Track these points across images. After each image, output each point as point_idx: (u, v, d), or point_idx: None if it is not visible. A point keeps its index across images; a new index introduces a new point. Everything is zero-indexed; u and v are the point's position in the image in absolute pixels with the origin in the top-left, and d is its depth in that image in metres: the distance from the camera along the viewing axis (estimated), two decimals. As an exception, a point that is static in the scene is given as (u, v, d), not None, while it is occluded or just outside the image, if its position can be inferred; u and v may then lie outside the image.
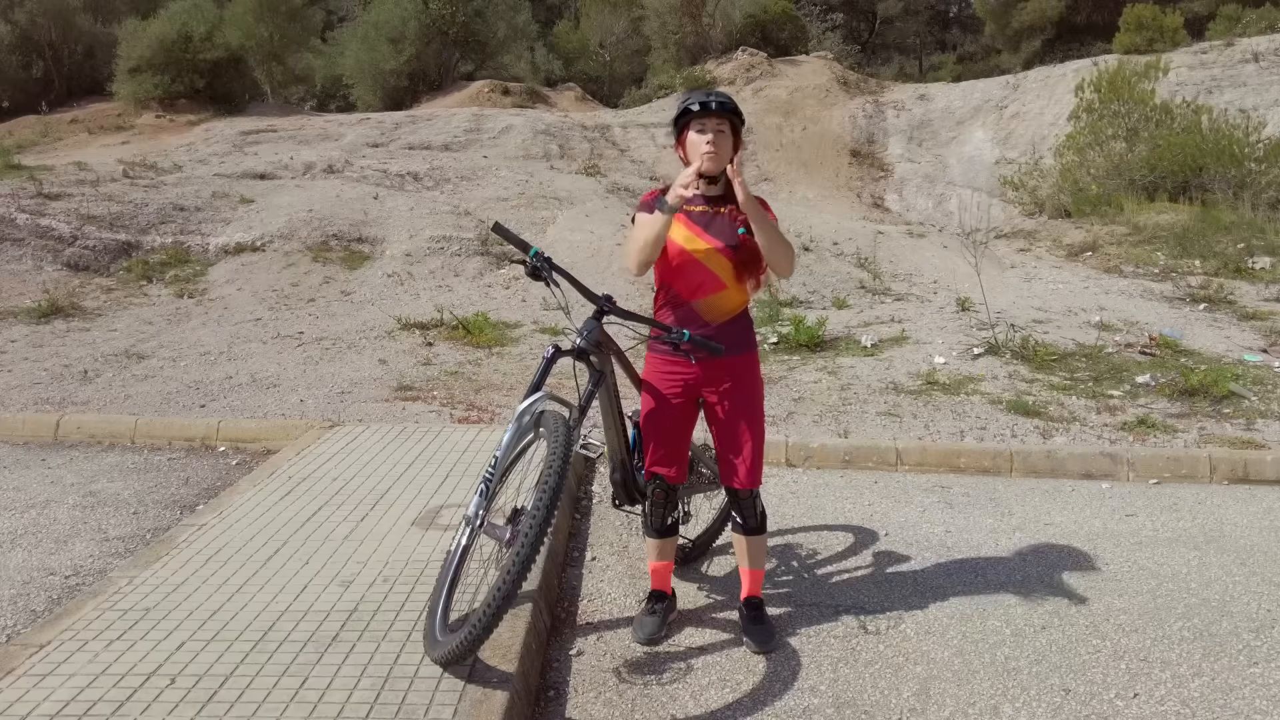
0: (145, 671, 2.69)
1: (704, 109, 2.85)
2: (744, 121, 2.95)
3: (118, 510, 4.35)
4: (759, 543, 3.22)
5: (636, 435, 3.23)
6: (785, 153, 18.24)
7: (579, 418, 2.86)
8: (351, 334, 7.80)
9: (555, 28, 28.88)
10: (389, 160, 14.59)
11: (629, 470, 3.21)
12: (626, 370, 3.19)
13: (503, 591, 2.48)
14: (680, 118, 2.92)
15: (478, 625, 2.50)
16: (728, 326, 3.01)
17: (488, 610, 2.49)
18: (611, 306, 2.92)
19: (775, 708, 2.78)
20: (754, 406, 3.07)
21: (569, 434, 2.68)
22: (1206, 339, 7.33)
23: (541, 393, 2.81)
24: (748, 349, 3.07)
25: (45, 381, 6.42)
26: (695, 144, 2.88)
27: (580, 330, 2.89)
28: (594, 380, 2.93)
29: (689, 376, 3.04)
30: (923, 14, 39.08)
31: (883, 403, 5.92)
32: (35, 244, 9.80)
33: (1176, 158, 13.45)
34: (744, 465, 3.06)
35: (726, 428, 3.06)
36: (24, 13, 19.35)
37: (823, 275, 10.33)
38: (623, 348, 3.15)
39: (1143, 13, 20.22)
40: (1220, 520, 4.31)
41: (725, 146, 2.88)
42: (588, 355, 2.90)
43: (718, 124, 2.86)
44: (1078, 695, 2.83)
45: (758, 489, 3.13)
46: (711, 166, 2.86)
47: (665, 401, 3.07)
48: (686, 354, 2.97)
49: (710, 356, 2.95)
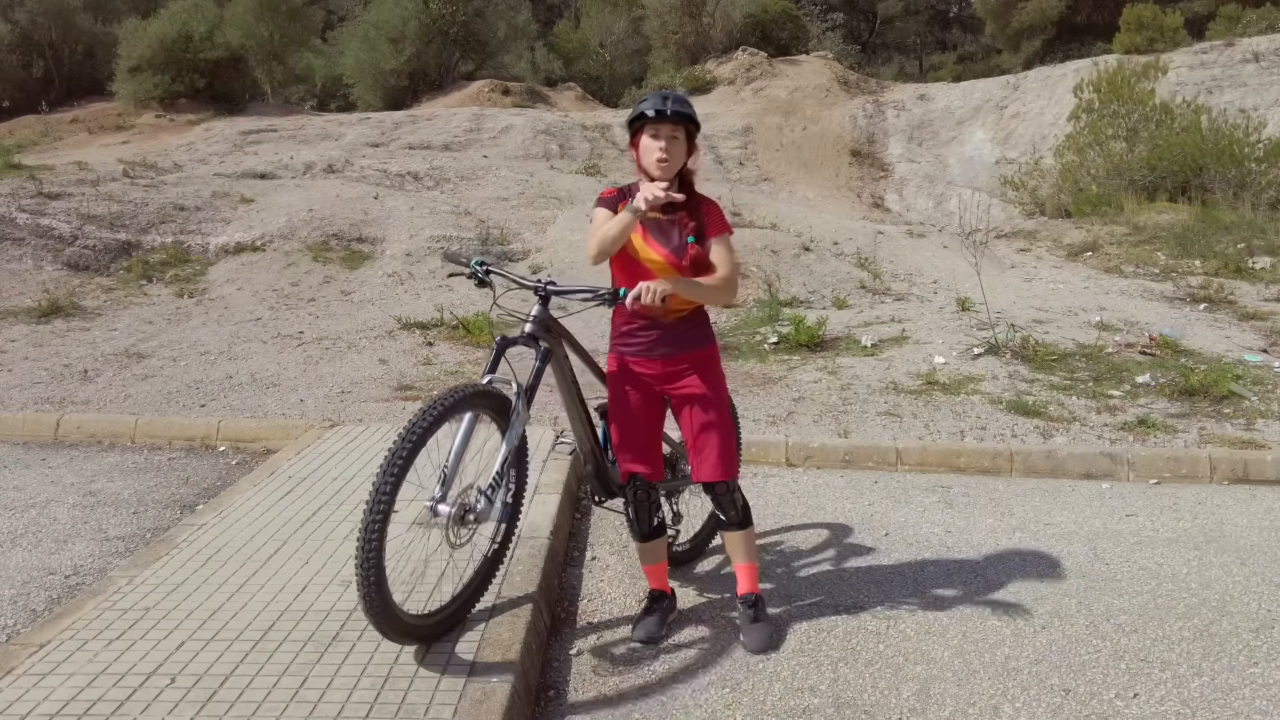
0: (145, 671, 2.69)
1: (659, 116, 2.86)
2: (699, 127, 2.97)
3: (118, 510, 4.35)
4: (745, 537, 3.21)
5: (605, 427, 3.29)
6: (785, 152, 18.24)
7: (527, 395, 2.89)
8: (351, 334, 7.80)
9: (555, 28, 28.90)
10: (389, 160, 14.60)
11: (600, 460, 3.26)
12: (583, 358, 3.22)
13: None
14: (634, 121, 2.92)
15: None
16: (678, 325, 3.05)
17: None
18: (549, 290, 2.99)
19: (775, 708, 2.78)
20: (717, 400, 3.09)
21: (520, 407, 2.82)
22: (1206, 339, 7.33)
23: (485, 381, 2.85)
24: (704, 344, 3.10)
25: (45, 381, 6.42)
26: (648, 149, 2.91)
27: (529, 317, 2.96)
28: (540, 356, 2.97)
29: (648, 374, 3.09)
30: (923, 14, 39.08)
31: (883, 403, 5.92)
32: (35, 244, 9.81)
33: (1176, 158, 13.45)
34: (711, 458, 3.07)
35: (691, 423, 3.09)
36: (24, 12, 19.35)
37: (823, 275, 10.33)
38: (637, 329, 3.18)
39: (1143, 13, 20.21)
40: (1220, 520, 4.31)
41: (678, 153, 2.91)
42: (536, 340, 2.96)
43: (671, 130, 2.89)
44: (1078, 695, 2.83)
45: (732, 481, 3.12)
46: (662, 175, 2.91)
47: (628, 400, 3.11)
48: (644, 351, 3.05)
49: (659, 340, 3.08)
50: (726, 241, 2.99)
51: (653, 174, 2.92)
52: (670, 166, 2.90)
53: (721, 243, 2.97)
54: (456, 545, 2.78)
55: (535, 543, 3.60)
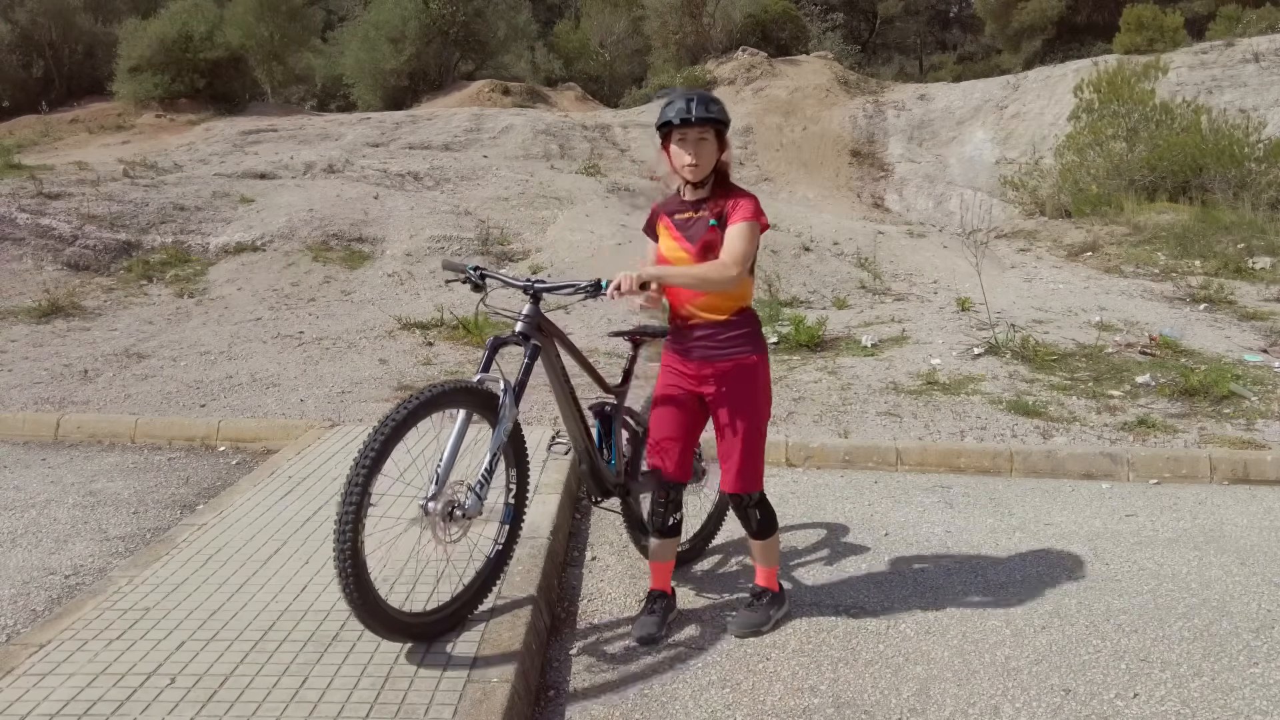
0: (145, 671, 2.69)
1: (684, 123, 2.86)
2: (728, 123, 2.95)
3: (118, 510, 4.35)
4: (763, 546, 3.23)
5: (599, 427, 3.32)
6: (785, 152, 18.24)
7: (516, 391, 2.91)
8: (352, 334, 7.80)
9: (555, 28, 28.88)
10: (389, 160, 14.59)
11: (595, 460, 3.26)
12: (578, 359, 3.23)
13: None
14: (662, 125, 2.93)
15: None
16: (718, 328, 3.02)
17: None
18: (539, 288, 3.03)
19: (775, 708, 2.78)
20: (746, 413, 3.04)
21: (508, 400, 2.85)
22: (1206, 339, 7.33)
23: (476, 380, 2.88)
24: (744, 352, 3.02)
25: (45, 381, 6.42)
26: (678, 155, 2.93)
27: (520, 316, 3.00)
28: (529, 353, 2.99)
29: (686, 373, 3.09)
30: (923, 14, 39.05)
31: (883, 403, 5.92)
32: (35, 243, 9.80)
33: (1176, 158, 13.44)
34: (731, 469, 3.07)
35: (719, 430, 3.09)
36: (24, 12, 19.35)
37: (823, 275, 10.33)
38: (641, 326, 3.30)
39: (1143, 13, 20.20)
40: (1220, 520, 4.31)
41: (708, 156, 2.92)
42: (527, 338, 2.99)
43: (699, 134, 2.89)
44: (1078, 695, 2.83)
45: (750, 495, 3.11)
46: (693, 177, 2.93)
47: (666, 396, 3.14)
48: (684, 351, 3.07)
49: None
50: (745, 229, 2.90)
51: (685, 178, 2.95)
52: (701, 170, 2.92)
53: (738, 230, 2.90)
54: (447, 542, 2.80)
55: (535, 543, 3.60)
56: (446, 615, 2.88)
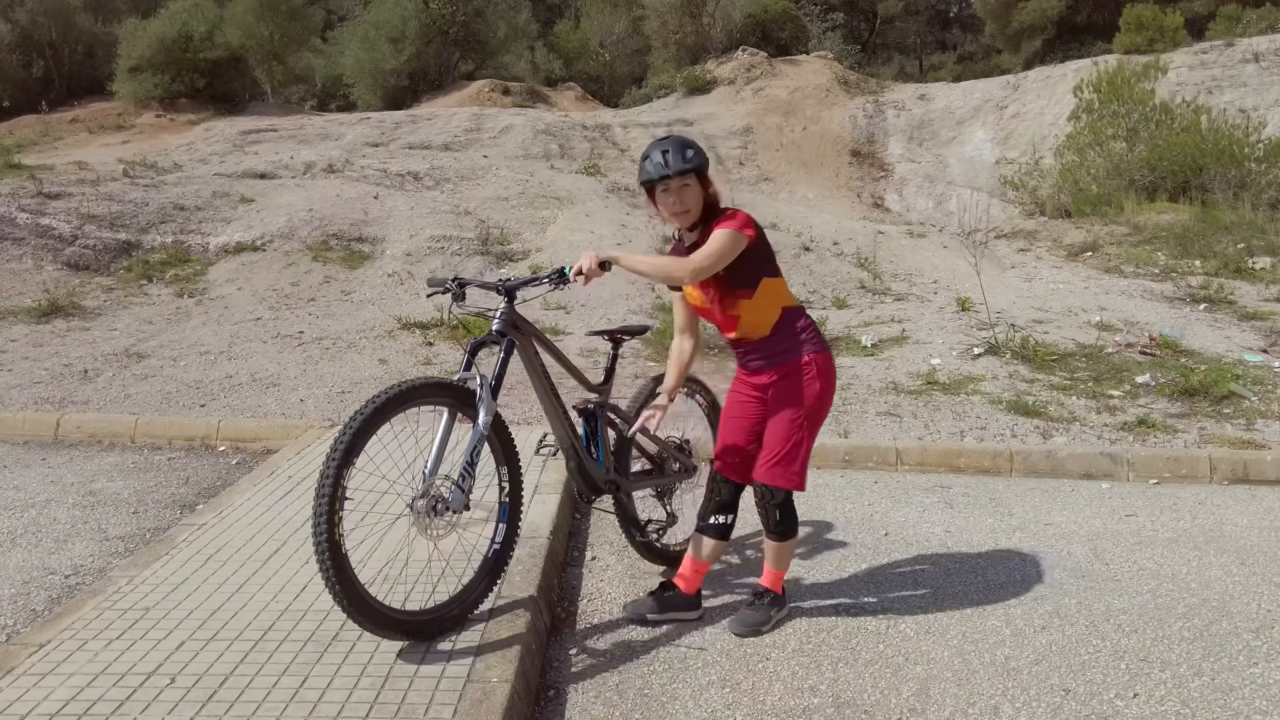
0: (145, 671, 2.69)
1: (664, 177, 2.96)
2: (706, 164, 3.04)
3: (118, 509, 4.35)
4: (775, 548, 3.24)
5: (585, 425, 3.37)
6: (785, 152, 18.23)
7: (493, 385, 2.94)
8: (351, 334, 7.80)
9: (555, 27, 28.89)
10: (389, 160, 14.59)
11: (582, 457, 3.30)
12: (555, 356, 3.26)
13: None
14: (645, 183, 3.04)
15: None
16: (766, 341, 3.14)
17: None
18: (508, 286, 3.07)
19: (775, 708, 2.78)
20: (792, 407, 3.11)
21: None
22: (1206, 339, 7.33)
23: (456, 379, 2.92)
24: (793, 357, 3.11)
25: (45, 381, 6.42)
26: (665, 205, 3.05)
27: (495, 315, 3.04)
28: (504, 348, 3.02)
29: (754, 383, 3.22)
30: (923, 14, 39.05)
31: (883, 403, 5.92)
32: (35, 243, 9.80)
33: (1176, 158, 13.43)
34: (765, 461, 3.12)
35: (768, 426, 3.16)
36: (24, 12, 19.35)
37: (823, 275, 10.34)
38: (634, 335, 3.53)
39: (1143, 13, 20.19)
40: (1220, 520, 4.31)
41: (694, 200, 3.02)
42: (502, 334, 3.03)
43: (680, 183, 2.98)
44: (1078, 695, 2.83)
45: (775, 492, 3.12)
46: (685, 224, 3.05)
47: (730, 404, 3.30)
48: (742, 364, 3.24)
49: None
50: (720, 235, 2.95)
51: (679, 226, 3.07)
52: (691, 215, 3.04)
53: (714, 235, 2.97)
54: (435, 537, 2.83)
55: (535, 543, 3.60)
56: (445, 614, 2.89)
